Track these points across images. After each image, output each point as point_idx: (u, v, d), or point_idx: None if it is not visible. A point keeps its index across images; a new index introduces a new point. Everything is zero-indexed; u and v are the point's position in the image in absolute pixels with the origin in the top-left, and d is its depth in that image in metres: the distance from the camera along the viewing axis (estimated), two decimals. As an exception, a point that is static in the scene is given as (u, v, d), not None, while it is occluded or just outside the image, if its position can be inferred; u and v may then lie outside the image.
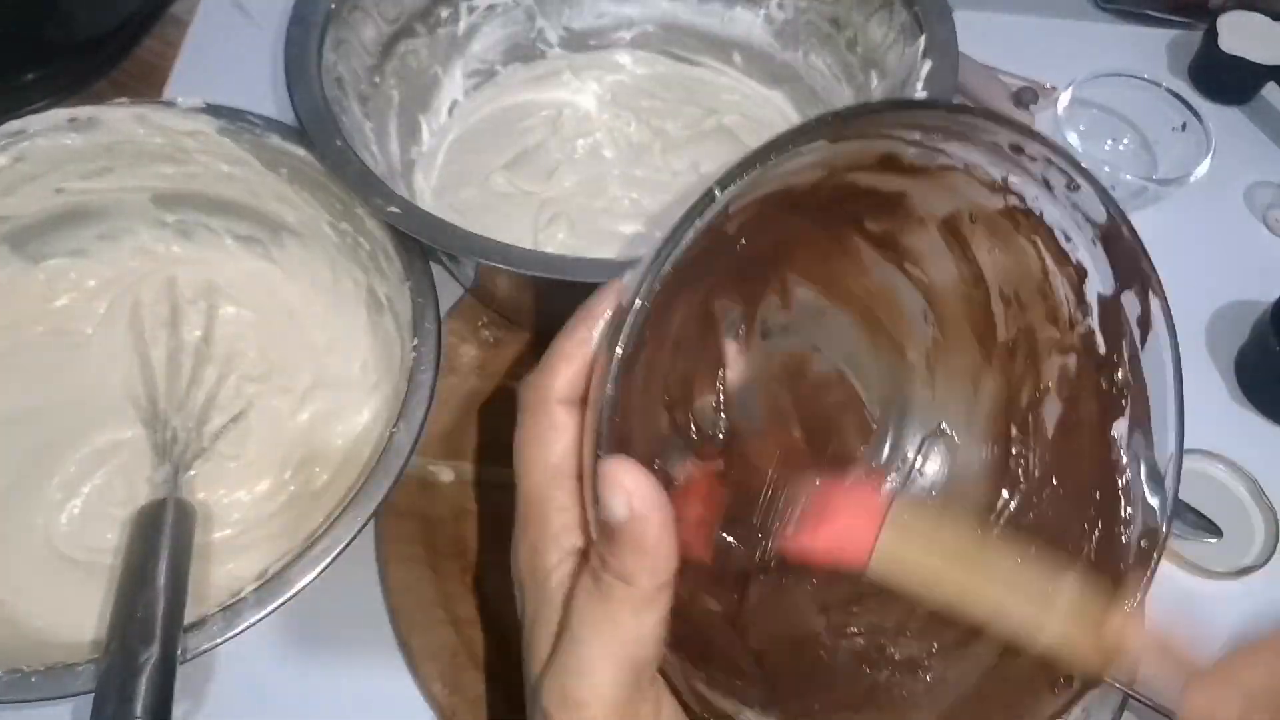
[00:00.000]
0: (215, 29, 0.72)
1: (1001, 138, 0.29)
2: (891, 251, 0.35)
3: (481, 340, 0.56)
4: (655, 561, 0.23)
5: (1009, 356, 0.35)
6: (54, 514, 0.48)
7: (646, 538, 0.23)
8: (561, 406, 0.27)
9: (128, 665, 0.37)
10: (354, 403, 0.51)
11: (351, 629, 0.47)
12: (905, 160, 0.30)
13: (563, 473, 0.26)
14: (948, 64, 0.48)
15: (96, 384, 0.52)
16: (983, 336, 0.36)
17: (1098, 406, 0.34)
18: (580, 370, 0.26)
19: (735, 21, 0.63)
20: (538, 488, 0.27)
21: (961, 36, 0.70)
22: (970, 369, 0.36)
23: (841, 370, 0.39)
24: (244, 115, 0.50)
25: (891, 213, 0.33)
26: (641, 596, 0.24)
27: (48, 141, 0.49)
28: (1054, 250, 0.32)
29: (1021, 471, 0.36)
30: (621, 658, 0.24)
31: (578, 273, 0.43)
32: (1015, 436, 0.36)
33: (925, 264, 0.35)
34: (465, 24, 0.61)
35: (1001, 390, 0.36)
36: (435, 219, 0.46)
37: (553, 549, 0.26)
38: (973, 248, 0.34)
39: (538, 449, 0.27)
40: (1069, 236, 0.32)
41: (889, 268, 0.36)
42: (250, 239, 0.55)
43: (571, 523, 0.26)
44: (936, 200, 0.32)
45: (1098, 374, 0.34)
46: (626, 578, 0.23)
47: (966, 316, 0.36)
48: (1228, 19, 0.68)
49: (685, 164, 0.60)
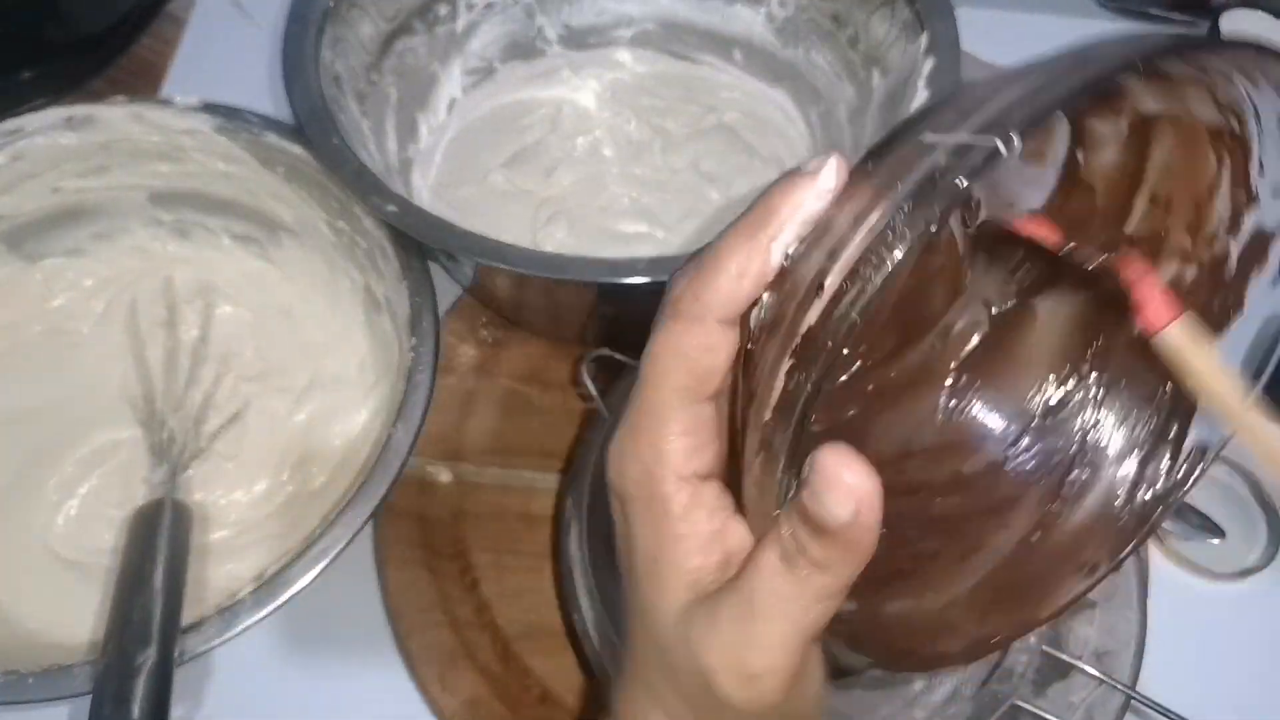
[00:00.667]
0: (212, 27, 0.72)
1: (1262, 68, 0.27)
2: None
3: (480, 340, 0.55)
4: (862, 560, 0.22)
5: (1128, 244, 0.33)
6: (51, 515, 0.48)
7: (863, 544, 0.22)
8: (720, 325, 0.23)
9: (125, 667, 0.37)
10: (352, 403, 0.51)
11: (349, 630, 0.47)
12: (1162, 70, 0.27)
13: (698, 396, 0.24)
14: (950, 61, 0.48)
15: (93, 384, 0.51)
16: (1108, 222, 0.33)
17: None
18: (752, 286, 0.23)
19: (736, 18, 0.62)
20: (667, 406, 0.24)
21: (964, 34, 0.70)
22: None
23: None
24: (241, 114, 0.50)
25: (1102, 100, 0.31)
26: (839, 586, 0.23)
27: (44, 140, 0.49)
28: (1239, 173, 0.31)
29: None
30: (804, 636, 0.23)
31: (576, 272, 0.43)
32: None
33: (1091, 148, 0.33)
34: (464, 21, 0.61)
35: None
36: (433, 217, 0.45)
37: (670, 475, 0.24)
38: (1152, 146, 0.32)
39: (677, 362, 0.23)
40: (1264, 171, 0.31)
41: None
42: (247, 238, 0.55)
43: (695, 448, 0.24)
44: (1153, 99, 0.31)
45: (1211, 295, 0.32)
46: (827, 568, 0.22)
47: (1102, 196, 0.34)
48: (1230, 17, 0.68)
49: (685, 162, 0.60)
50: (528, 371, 0.54)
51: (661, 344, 0.24)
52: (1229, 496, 0.52)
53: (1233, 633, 0.48)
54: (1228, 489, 0.52)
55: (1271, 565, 0.50)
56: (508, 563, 0.48)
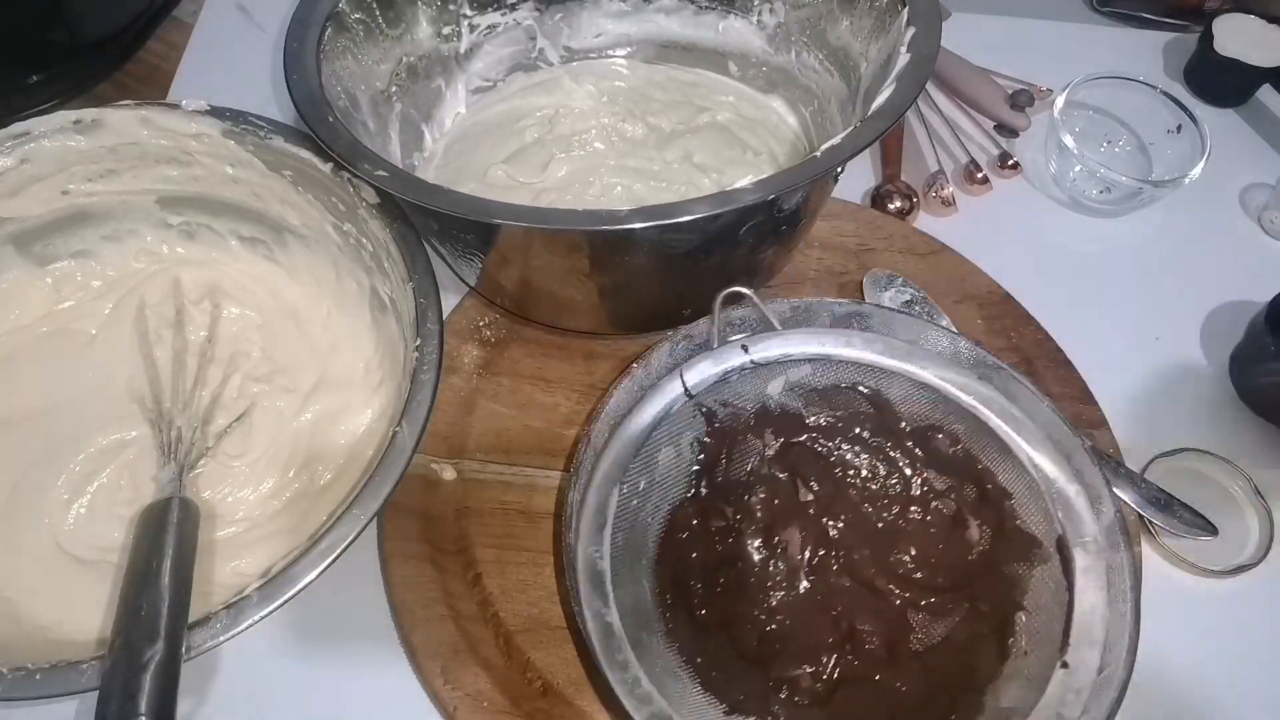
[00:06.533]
0: (219, 32, 0.73)
1: None
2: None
3: (484, 340, 0.56)
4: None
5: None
6: (60, 513, 0.48)
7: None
8: None
9: (132, 663, 0.37)
10: (357, 402, 0.51)
11: (354, 625, 0.48)
12: None
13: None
14: (931, 29, 0.49)
15: (102, 384, 0.52)
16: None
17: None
18: None
19: (730, 31, 0.63)
20: None
21: (958, 39, 0.71)
22: None
23: None
24: (248, 118, 0.51)
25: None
26: None
27: (53, 143, 0.50)
28: None
29: None
30: None
31: (556, 220, 0.43)
32: None
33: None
34: (467, 42, 0.62)
35: None
36: (421, 181, 0.46)
37: None
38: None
39: None
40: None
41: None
42: (254, 240, 0.56)
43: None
44: None
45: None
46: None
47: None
48: (1223, 22, 0.68)
49: (678, 154, 0.61)
50: (530, 370, 0.55)
51: None
52: (1222, 495, 0.53)
53: (1225, 629, 0.49)
54: (1221, 487, 0.53)
55: (1263, 562, 0.50)
56: (510, 558, 0.49)
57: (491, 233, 0.48)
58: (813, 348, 0.46)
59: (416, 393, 0.45)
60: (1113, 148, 0.68)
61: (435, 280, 0.48)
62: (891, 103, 0.46)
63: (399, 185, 0.45)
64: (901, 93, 0.46)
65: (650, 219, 0.42)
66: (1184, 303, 0.60)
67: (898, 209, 0.63)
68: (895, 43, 0.50)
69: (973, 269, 0.59)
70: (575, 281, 0.50)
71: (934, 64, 0.47)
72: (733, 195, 0.42)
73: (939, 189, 0.64)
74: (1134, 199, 0.63)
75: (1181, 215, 0.65)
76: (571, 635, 0.47)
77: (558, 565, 0.48)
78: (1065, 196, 0.66)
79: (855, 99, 0.55)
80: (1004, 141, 0.67)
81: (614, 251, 0.47)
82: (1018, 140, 0.68)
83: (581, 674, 0.46)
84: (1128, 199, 0.63)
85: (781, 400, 0.47)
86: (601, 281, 0.50)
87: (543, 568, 0.49)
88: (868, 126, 0.45)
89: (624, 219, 0.42)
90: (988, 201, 0.65)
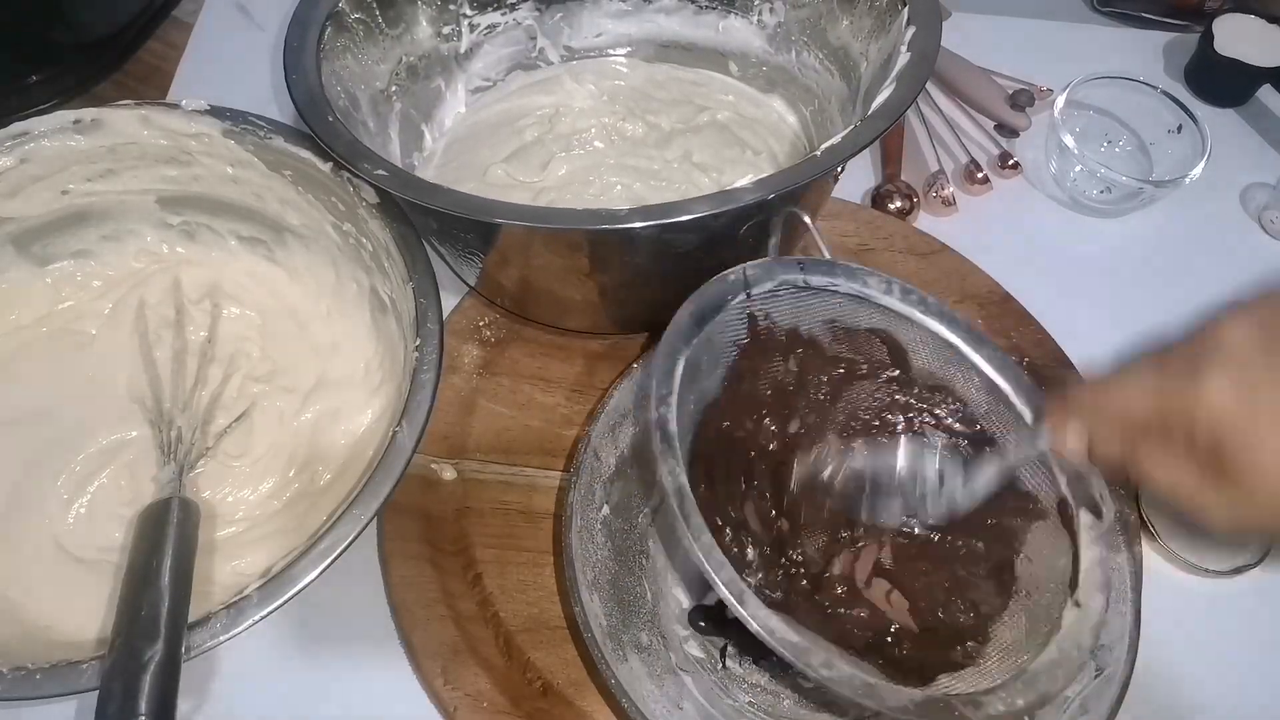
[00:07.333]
0: (218, 31, 0.73)
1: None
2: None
3: (483, 340, 0.56)
4: None
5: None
6: (60, 513, 0.48)
7: None
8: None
9: (132, 663, 0.37)
10: (357, 403, 0.51)
11: (354, 625, 0.48)
12: None
13: None
14: (931, 29, 0.49)
15: (102, 384, 0.52)
16: None
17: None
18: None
19: (730, 31, 0.63)
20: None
21: (959, 39, 0.71)
22: None
23: None
24: (248, 118, 0.51)
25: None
26: None
27: (53, 143, 0.50)
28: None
29: None
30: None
31: (556, 220, 0.43)
32: None
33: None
34: (467, 42, 0.62)
35: None
36: (421, 180, 0.46)
37: None
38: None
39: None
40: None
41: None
42: (254, 240, 0.56)
43: None
44: None
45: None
46: None
47: None
48: (1223, 22, 0.68)
49: (677, 153, 0.61)
50: (530, 370, 0.55)
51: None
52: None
53: (1225, 629, 0.49)
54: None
55: (1263, 563, 0.50)
56: (510, 558, 0.49)
57: (491, 232, 0.48)
58: (856, 285, 0.46)
59: (416, 393, 0.45)
60: (1113, 148, 0.68)
61: (435, 280, 0.48)
62: (891, 102, 0.46)
63: (399, 185, 0.45)
64: (901, 92, 0.46)
65: (650, 218, 0.42)
66: (1184, 303, 0.60)
67: (898, 209, 0.63)
68: (895, 42, 0.50)
69: (973, 269, 0.59)
70: (575, 281, 0.50)
71: (934, 63, 0.47)
72: (733, 194, 0.42)
73: (939, 189, 0.64)
74: (1134, 199, 0.63)
75: (1182, 215, 0.65)
76: (571, 635, 0.47)
77: (558, 565, 0.48)
78: (1066, 196, 0.66)
79: (855, 98, 0.55)
80: (1004, 141, 0.67)
81: (614, 251, 0.47)
82: (1018, 140, 0.68)
83: (582, 674, 0.46)
84: (1128, 199, 0.63)
85: (813, 331, 0.47)
86: (601, 281, 0.50)
87: (543, 568, 0.49)
88: (868, 126, 0.45)
89: (624, 218, 0.42)
90: (988, 201, 0.65)
